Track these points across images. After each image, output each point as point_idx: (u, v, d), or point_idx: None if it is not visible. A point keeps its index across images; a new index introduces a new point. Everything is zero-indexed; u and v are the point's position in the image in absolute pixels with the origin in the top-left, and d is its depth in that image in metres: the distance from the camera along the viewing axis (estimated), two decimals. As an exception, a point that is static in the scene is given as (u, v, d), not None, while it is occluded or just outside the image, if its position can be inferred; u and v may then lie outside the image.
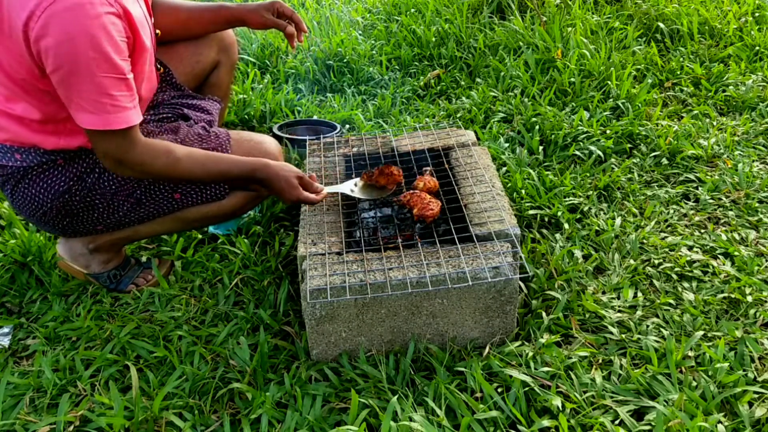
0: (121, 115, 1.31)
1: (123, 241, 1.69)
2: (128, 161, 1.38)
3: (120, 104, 1.31)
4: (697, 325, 1.46)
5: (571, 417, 1.24)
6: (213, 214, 1.65)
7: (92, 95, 1.28)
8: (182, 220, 1.65)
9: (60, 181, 1.48)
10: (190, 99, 1.73)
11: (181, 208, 1.62)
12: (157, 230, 1.67)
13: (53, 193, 1.49)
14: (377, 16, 3.43)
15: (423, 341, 1.43)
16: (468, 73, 2.84)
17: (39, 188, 1.48)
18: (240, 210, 1.68)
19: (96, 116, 1.30)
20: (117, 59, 1.28)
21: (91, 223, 1.57)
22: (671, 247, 1.73)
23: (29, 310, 1.68)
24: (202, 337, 1.53)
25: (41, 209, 1.51)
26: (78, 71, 1.25)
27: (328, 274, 1.37)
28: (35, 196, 1.49)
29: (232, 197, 1.64)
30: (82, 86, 1.27)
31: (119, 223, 1.60)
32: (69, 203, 1.51)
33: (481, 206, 1.55)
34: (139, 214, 1.59)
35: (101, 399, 1.35)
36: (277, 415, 1.29)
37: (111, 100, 1.29)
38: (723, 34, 2.93)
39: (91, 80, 1.26)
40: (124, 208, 1.56)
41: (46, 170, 1.47)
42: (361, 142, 1.92)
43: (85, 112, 1.30)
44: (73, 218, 1.54)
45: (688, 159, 2.13)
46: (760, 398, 1.26)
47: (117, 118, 1.31)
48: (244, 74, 2.91)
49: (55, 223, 1.55)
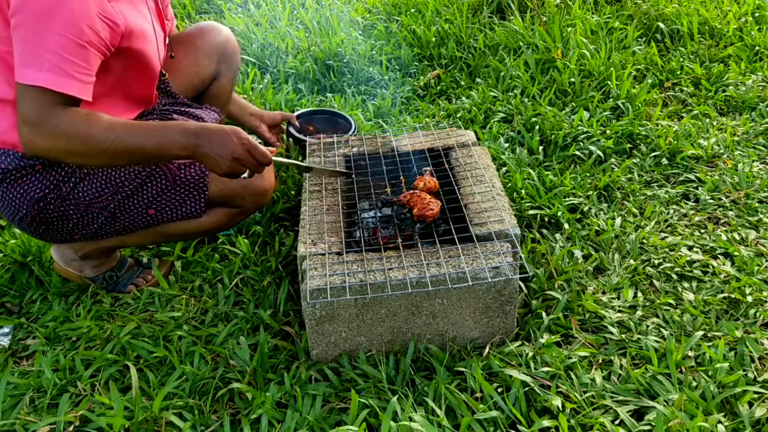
0: (58, 77, 1.21)
1: (111, 249, 1.67)
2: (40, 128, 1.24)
3: (62, 66, 1.21)
4: (697, 325, 1.46)
5: (571, 417, 1.24)
6: (193, 231, 1.63)
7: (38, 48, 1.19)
8: (165, 235, 1.63)
9: (36, 187, 1.44)
10: (182, 107, 1.69)
11: (158, 224, 1.58)
12: (141, 242, 1.66)
13: (29, 200, 1.45)
14: (377, 16, 3.43)
15: (423, 341, 1.43)
16: (468, 73, 2.84)
17: (16, 193, 1.45)
18: (223, 226, 1.65)
19: (31, 70, 1.20)
20: (83, 25, 1.21)
21: (66, 233, 1.54)
22: (671, 247, 1.73)
23: (29, 310, 1.68)
24: (202, 337, 1.53)
25: (18, 214, 1.47)
26: (37, 19, 1.18)
27: (328, 274, 1.37)
28: (12, 201, 1.46)
29: (212, 214, 1.60)
30: (34, 35, 1.19)
31: (96, 235, 1.56)
32: (44, 211, 1.47)
33: (481, 206, 1.55)
34: (114, 227, 1.55)
35: (101, 399, 1.35)
36: (277, 415, 1.29)
37: (55, 58, 1.20)
38: (723, 34, 2.93)
39: (45, 32, 1.18)
40: (99, 220, 1.52)
41: (24, 175, 1.43)
42: (361, 142, 1.92)
43: (24, 65, 1.20)
44: (48, 226, 1.51)
45: (688, 159, 2.13)
46: (760, 398, 1.26)
47: (50, 77, 1.20)
48: (244, 74, 2.91)
49: (32, 230, 1.52)
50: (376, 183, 1.72)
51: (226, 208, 1.62)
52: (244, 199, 1.60)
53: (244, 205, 1.61)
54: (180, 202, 1.55)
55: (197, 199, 1.56)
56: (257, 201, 1.63)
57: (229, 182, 1.56)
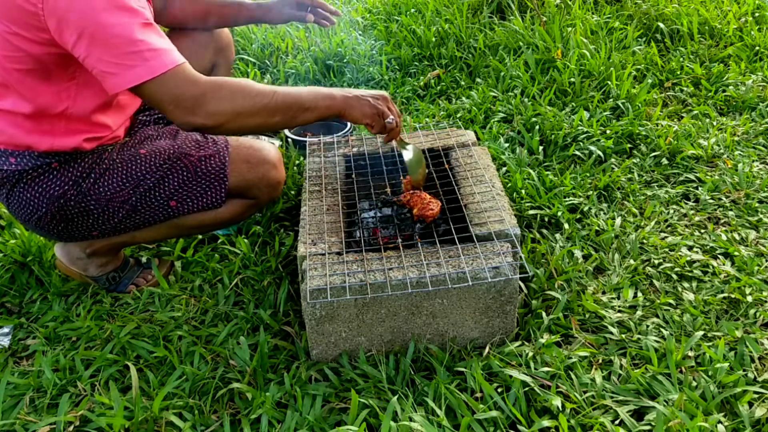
0: (164, 57, 1.21)
1: (120, 246, 1.68)
2: (202, 99, 1.25)
3: (156, 46, 1.21)
4: (697, 325, 1.46)
5: (571, 417, 1.24)
6: (209, 222, 1.65)
7: (124, 47, 1.18)
8: (179, 227, 1.64)
9: (55, 185, 1.47)
10: None
11: (177, 216, 1.60)
12: (154, 236, 1.67)
13: (48, 198, 1.47)
14: (377, 16, 3.43)
15: (423, 341, 1.43)
16: (468, 73, 2.84)
17: (34, 192, 1.47)
18: (238, 218, 1.68)
19: (138, 68, 1.19)
20: (133, 5, 1.21)
21: (86, 229, 1.56)
22: (671, 247, 1.73)
23: (29, 310, 1.68)
24: (202, 337, 1.53)
25: (36, 214, 1.49)
26: (101, 26, 1.18)
27: (328, 274, 1.37)
28: (30, 201, 1.48)
29: (229, 205, 1.63)
30: (111, 41, 1.19)
31: (115, 230, 1.59)
32: (64, 208, 1.49)
33: (481, 206, 1.55)
34: (134, 221, 1.57)
35: (101, 399, 1.35)
36: (277, 415, 1.29)
37: (145, 45, 1.20)
38: (723, 34, 2.93)
39: (116, 30, 1.18)
40: (120, 214, 1.54)
41: (41, 174, 1.46)
42: (361, 142, 1.92)
43: (126, 68, 1.19)
44: (68, 223, 1.53)
45: (688, 159, 2.13)
46: (760, 398, 1.26)
47: (161, 61, 1.21)
48: (244, 74, 2.91)
49: (50, 228, 1.54)
50: (376, 183, 1.72)
51: (242, 200, 1.64)
52: (259, 190, 1.63)
53: (258, 196, 1.64)
54: (201, 193, 1.58)
55: (218, 190, 1.59)
56: (271, 193, 1.66)
57: (247, 173, 1.60)
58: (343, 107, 1.40)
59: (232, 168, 1.59)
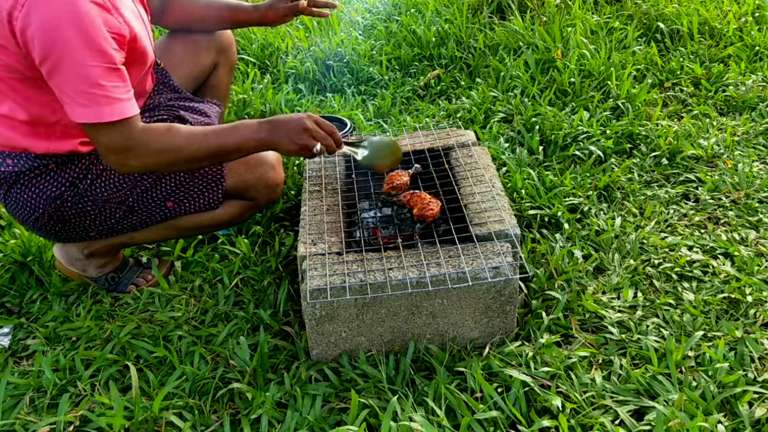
0: (115, 106, 1.27)
1: (119, 247, 1.68)
2: (130, 152, 1.32)
3: (112, 95, 1.26)
4: (697, 325, 1.46)
5: (571, 417, 1.24)
6: (207, 223, 1.64)
7: (82, 86, 1.23)
8: (177, 228, 1.64)
9: (52, 186, 1.47)
10: (187, 101, 1.72)
11: (175, 217, 1.60)
12: (152, 237, 1.67)
13: (45, 199, 1.47)
14: (377, 16, 3.43)
15: (423, 341, 1.43)
16: (468, 73, 2.84)
17: (31, 193, 1.47)
18: (236, 219, 1.67)
19: (88, 109, 1.25)
20: (106, 47, 1.24)
21: (83, 230, 1.56)
22: (671, 247, 1.73)
23: (29, 310, 1.68)
24: (202, 337, 1.53)
25: (33, 215, 1.49)
26: (65, 59, 1.20)
27: (328, 274, 1.37)
28: (27, 202, 1.48)
29: (227, 206, 1.63)
30: (71, 76, 1.22)
31: (112, 230, 1.59)
32: (61, 209, 1.49)
33: (481, 206, 1.55)
34: (131, 221, 1.57)
35: (101, 399, 1.35)
36: (277, 415, 1.29)
37: (102, 90, 1.24)
38: (723, 34, 2.93)
39: (79, 69, 1.22)
40: (117, 215, 1.54)
41: (38, 175, 1.46)
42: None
43: (78, 105, 1.25)
44: (65, 224, 1.53)
45: (688, 159, 2.13)
46: (760, 398, 1.26)
47: (111, 110, 1.26)
48: (244, 74, 2.91)
49: (48, 229, 1.54)
50: (376, 183, 1.72)
51: (240, 201, 1.64)
52: (258, 191, 1.63)
53: (257, 197, 1.64)
54: (198, 194, 1.58)
55: (215, 191, 1.59)
56: (270, 194, 1.66)
57: (245, 174, 1.60)
58: (271, 145, 1.42)
59: (230, 169, 1.59)
